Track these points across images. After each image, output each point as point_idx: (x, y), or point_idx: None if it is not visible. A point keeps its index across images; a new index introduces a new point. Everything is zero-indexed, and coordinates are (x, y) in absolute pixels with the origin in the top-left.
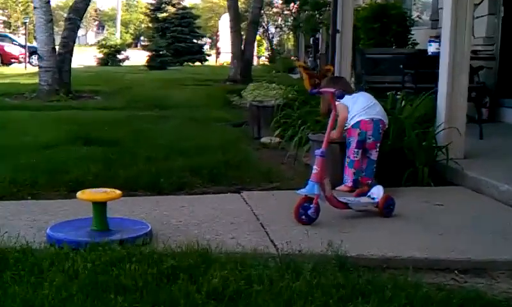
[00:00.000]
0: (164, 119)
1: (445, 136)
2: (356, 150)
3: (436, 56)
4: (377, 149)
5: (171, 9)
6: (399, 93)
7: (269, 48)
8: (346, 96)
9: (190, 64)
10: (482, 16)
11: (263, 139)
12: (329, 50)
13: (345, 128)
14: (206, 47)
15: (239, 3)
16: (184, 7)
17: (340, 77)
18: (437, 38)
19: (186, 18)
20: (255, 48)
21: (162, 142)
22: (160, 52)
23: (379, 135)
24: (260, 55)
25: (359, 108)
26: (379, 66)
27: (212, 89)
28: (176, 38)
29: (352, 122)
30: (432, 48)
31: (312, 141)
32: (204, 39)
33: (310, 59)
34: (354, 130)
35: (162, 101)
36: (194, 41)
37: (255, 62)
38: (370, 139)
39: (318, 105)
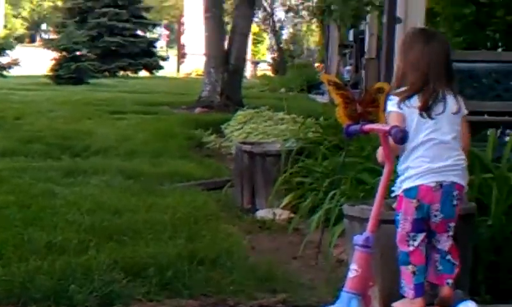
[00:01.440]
0: (80, 175)
1: None
2: (412, 235)
3: None
4: (451, 233)
5: None
6: (508, 131)
7: (275, 47)
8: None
9: (130, 74)
10: None
11: (261, 213)
12: (382, 54)
13: (393, 194)
14: (160, 45)
15: None
16: None
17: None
18: None
19: None
20: (249, 47)
21: (75, 219)
22: (77, 53)
23: (453, 209)
24: (259, 61)
25: (415, 154)
26: (475, 83)
27: (169, 120)
28: (106, 27)
29: (403, 185)
30: None
31: (350, 218)
32: (158, 30)
33: (347, 68)
34: (407, 202)
35: (78, 142)
36: (140, 33)
37: (248, 73)
38: (437, 216)
39: (360, 150)
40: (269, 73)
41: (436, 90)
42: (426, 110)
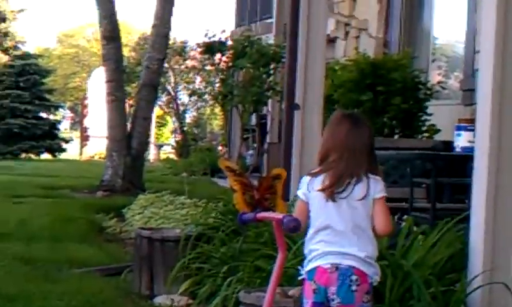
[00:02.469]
0: None
1: (485, 299)
2: None
3: (469, 155)
4: None
5: (1, 58)
6: (403, 217)
7: (179, 130)
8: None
9: (32, 156)
10: None
11: (159, 300)
12: (282, 140)
13: (300, 277)
14: (64, 127)
15: (125, 50)
16: (25, 55)
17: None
18: (472, 123)
19: (29, 74)
20: (153, 130)
21: None
22: None
23: (351, 294)
24: (162, 144)
25: (317, 238)
26: None
27: (70, 204)
28: (8, 109)
29: (306, 268)
30: (462, 141)
31: (246, 305)
32: (61, 112)
33: (250, 152)
34: (307, 284)
35: None
36: (42, 115)
37: (151, 156)
38: (334, 300)
39: (260, 236)
40: (173, 156)
41: (345, 173)
42: (330, 193)
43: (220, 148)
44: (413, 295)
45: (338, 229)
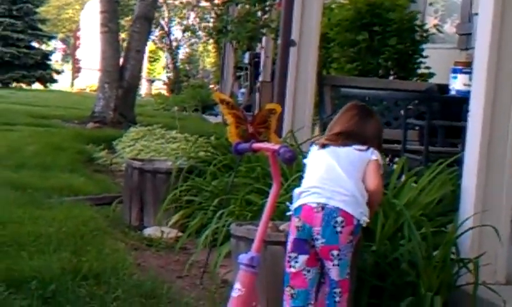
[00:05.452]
0: None
1: (475, 242)
2: (293, 256)
3: (464, 98)
4: (340, 261)
5: None
6: (396, 159)
7: (171, 66)
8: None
9: (23, 86)
10: None
11: (148, 231)
12: (276, 76)
13: (288, 213)
14: (55, 58)
15: None
16: None
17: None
18: (468, 66)
19: (22, 2)
20: (145, 65)
21: None
22: None
23: (335, 236)
24: (154, 79)
25: (306, 180)
26: None
27: (61, 134)
28: (0, 38)
29: (294, 205)
30: (458, 84)
31: (236, 238)
32: (53, 42)
33: (242, 90)
34: (293, 220)
35: None
36: (35, 44)
37: (143, 91)
38: (318, 240)
39: (252, 171)
40: (164, 92)
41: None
42: (326, 144)
43: (212, 85)
44: (403, 234)
45: (331, 167)
